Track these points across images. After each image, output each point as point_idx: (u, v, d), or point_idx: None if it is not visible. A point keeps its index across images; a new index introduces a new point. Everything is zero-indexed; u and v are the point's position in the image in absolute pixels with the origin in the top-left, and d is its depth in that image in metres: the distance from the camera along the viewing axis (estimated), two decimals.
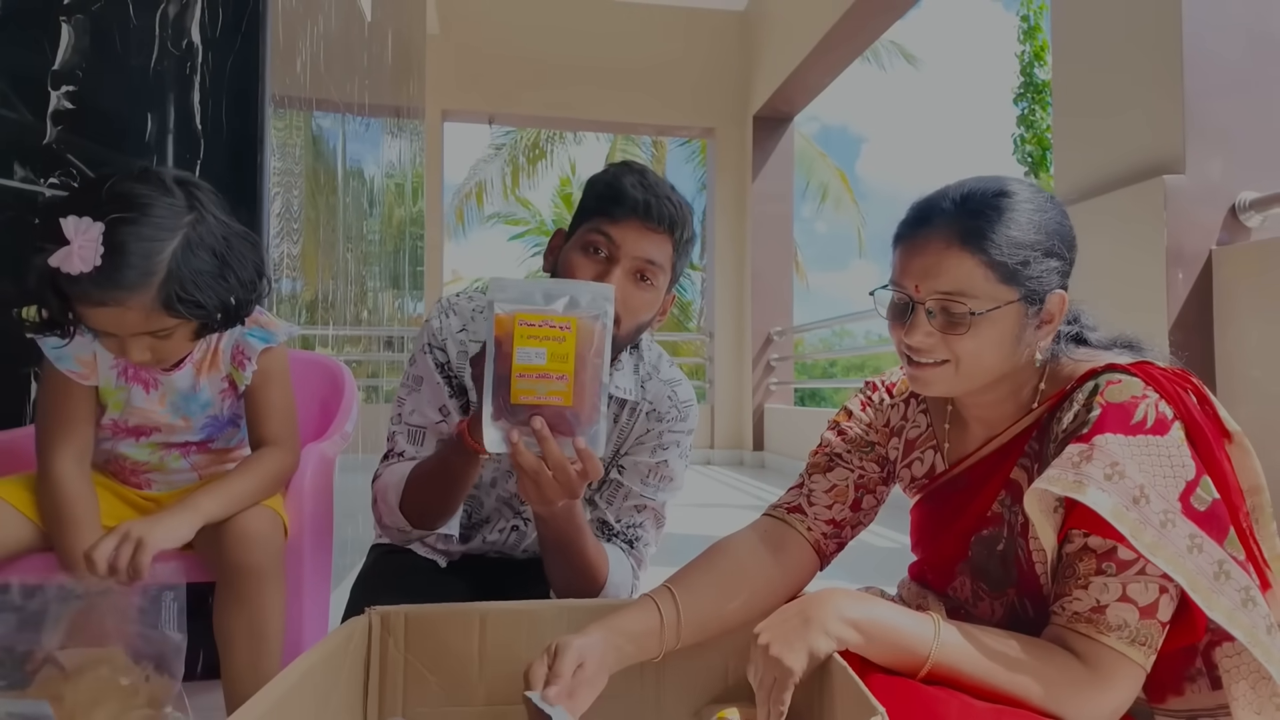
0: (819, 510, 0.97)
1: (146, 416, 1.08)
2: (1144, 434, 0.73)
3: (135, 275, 0.93)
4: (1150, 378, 0.76)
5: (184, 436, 1.12)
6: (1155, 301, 2.11)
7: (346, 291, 2.44)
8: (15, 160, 1.47)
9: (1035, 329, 0.81)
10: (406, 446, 1.15)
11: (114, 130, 1.51)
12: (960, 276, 0.78)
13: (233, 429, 1.17)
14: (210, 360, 1.11)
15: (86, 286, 0.91)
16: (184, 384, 1.09)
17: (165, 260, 0.94)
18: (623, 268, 1.03)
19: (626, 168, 1.08)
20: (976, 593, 0.90)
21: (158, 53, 1.53)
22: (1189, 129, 2.14)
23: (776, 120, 6.22)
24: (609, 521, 1.16)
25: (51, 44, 1.49)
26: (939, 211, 0.81)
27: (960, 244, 0.78)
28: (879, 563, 2.31)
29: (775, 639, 0.77)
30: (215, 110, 1.56)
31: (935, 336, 0.80)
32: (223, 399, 1.12)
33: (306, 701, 0.76)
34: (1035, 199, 0.81)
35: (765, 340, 6.21)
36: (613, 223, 1.03)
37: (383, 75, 3.01)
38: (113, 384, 1.07)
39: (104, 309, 0.94)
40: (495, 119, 6.75)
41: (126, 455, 1.12)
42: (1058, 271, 0.80)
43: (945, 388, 0.84)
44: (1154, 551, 0.69)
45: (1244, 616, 0.69)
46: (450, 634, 0.93)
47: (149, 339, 0.99)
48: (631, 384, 1.17)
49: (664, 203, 1.04)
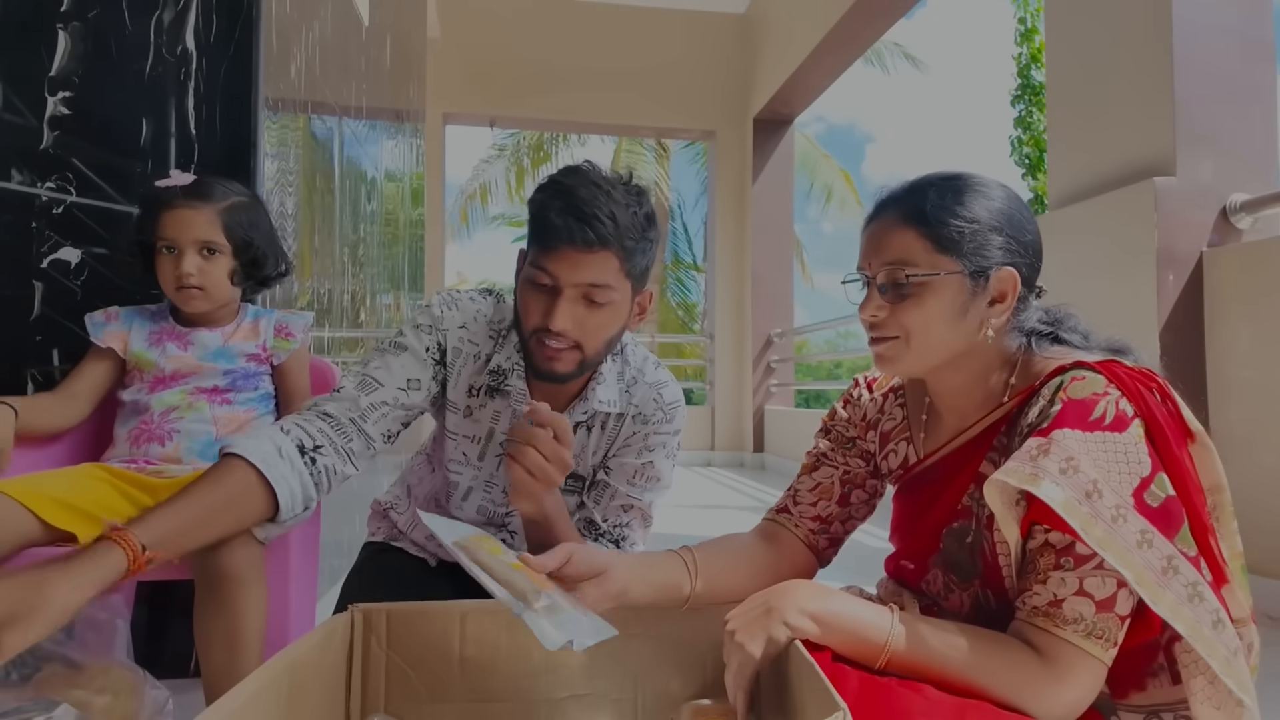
0: (804, 508, 1.03)
1: (181, 362, 1.30)
2: (1101, 430, 0.74)
3: (213, 192, 1.29)
4: (1114, 375, 0.78)
5: (211, 381, 1.30)
6: (1146, 303, 2.11)
7: (343, 293, 2.46)
8: (13, 164, 1.49)
9: (987, 306, 0.84)
10: (351, 390, 1.06)
11: (111, 134, 1.53)
12: (901, 248, 0.83)
13: (251, 390, 1.33)
14: (237, 330, 1.34)
15: (177, 194, 1.26)
16: (212, 343, 1.32)
17: (231, 199, 1.30)
18: (567, 297, 1.01)
19: (555, 189, 1.02)
20: (947, 584, 0.91)
21: (153, 58, 1.56)
22: (1180, 131, 2.14)
23: (777, 122, 6.24)
24: (596, 521, 1.17)
25: (49, 50, 1.51)
26: (890, 198, 0.87)
27: (902, 220, 0.84)
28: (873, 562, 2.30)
29: (740, 626, 0.80)
30: (210, 114, 1.58)
31: (885, 309, 0.85)
32: (248, 360, 1.33)
33: (283, 697, 0.78)
34: (987, 188, 0.85)
35: (766, 342, 6.22)
36: (546, 254, 1.00)
37: (381, 79, 3.03)
38: (146, 349, 1.30)
39: (184, 210, 1.25)
40: (496, 121, 6.78)
41: (160, 403, 1.27)
42: (1003, 249, 0.83)
43: (904, 364, 0.87)
44: (1103, 546, 0.70)
45: (1188, 611, 0.70)
46: (432, 631, 0.95)
47: (201, 256, 1.26)
48: (615, 394, 1.15)
49: (594, 224, 0.98)
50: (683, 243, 14.30)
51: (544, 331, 1.02)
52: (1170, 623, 0.70)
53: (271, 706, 0.74)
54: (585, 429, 1.16)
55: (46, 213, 1.51)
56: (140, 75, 1.55)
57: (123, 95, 1.54)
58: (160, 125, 1.56)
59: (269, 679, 0.74)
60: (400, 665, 0.95)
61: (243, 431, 1.29)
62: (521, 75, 6.13)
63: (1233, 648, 0.71)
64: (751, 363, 6.23)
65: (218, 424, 1.28)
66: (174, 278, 1.27)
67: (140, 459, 1.23)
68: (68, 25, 1.52)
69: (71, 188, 1.52)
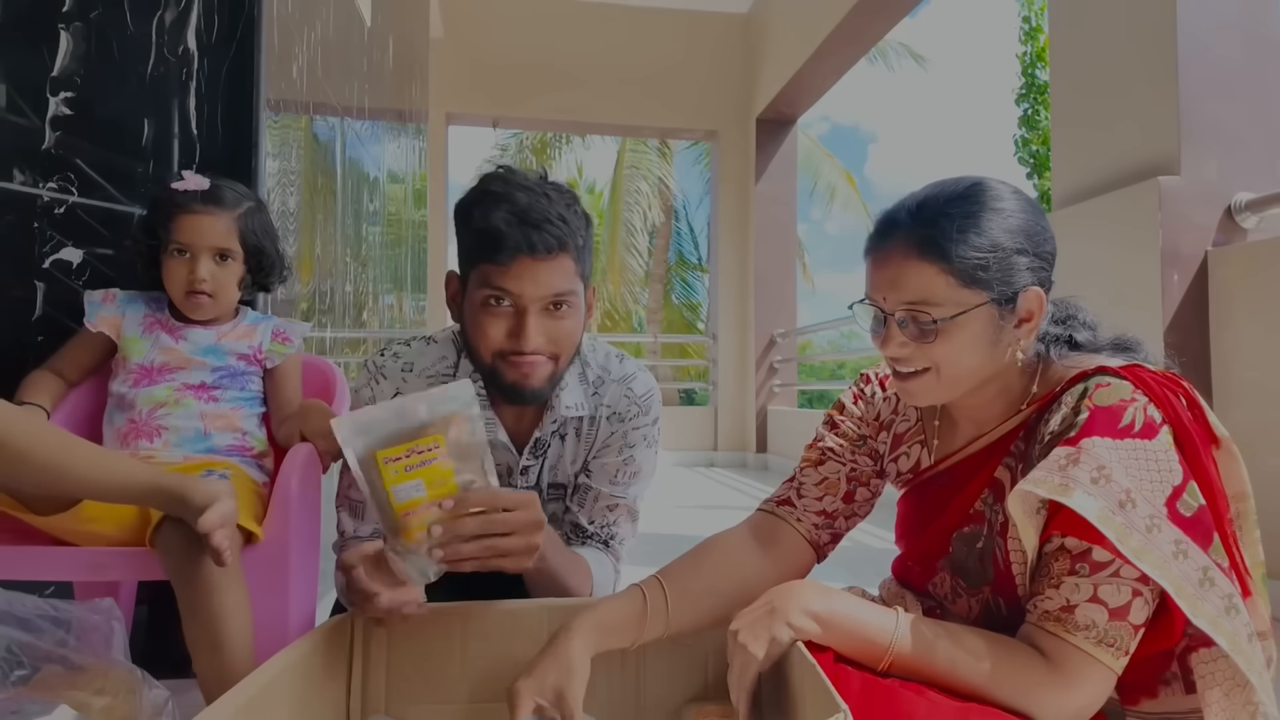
0: (809, 502, 0.99)
1: (170, 354, 1.29)
2: (1132, 438, 0.72)
3: (229, 198, 1.31)
4: (1140, 381, 0.76)
5: (199, 377, 1.29)
6: (1150, 303, 2.10)
7: (344, 293, 2.46)
8: (15, 165, 1.49)
9: (1014, 328, 0.81)
10: (348, 524, 1.11)
11: (112, 135, 1.53)
12: (921, 286, 0.78)
13: (238, 389, 1.32)
14: (233, 330, 1.34)
15: (194, 199, 1.27)
16: (205, 339, 1.32)
17: (245, 205, 1.32)
18: (533, 312, 0.96)
19: (492, 198, 0.96)
20: (955, 589, 0.90)
21: (154, 59, 1.56)
22: (1184, 130, 2.13)
23: (779, 123, 6.22)
24: (582, 524, 1.15)
25: (50, 51, 1.51)
26: (896, 223, 0.81)
27: (918, 254, 0.78)
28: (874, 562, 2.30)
29: (743, 626, 0.79)
30: (211, 114, 1.58)
31: (910, 346, 0.81)
32: (239, 360, 1.33)
33: (283, 697, 0.78)
34: (997, 200, 0.80)
35: (768, 342, 6.21)
36: (504, 271, 0.94)
37: (384, 79, 3.03)
38: (139, 335, 1.30)
39: (202, 215, 1.27)
40: (499, 122, 6.78)
41: (147, 399, 1.26)
42: (1028, 269, 0.80)
43: (932, 396, 0.84)
44: (1139, 556, 0.68)
45: (1227, 624, 0.69)
46: (433, 632, 0.95)
47: (215, 262, 1.28)
48: (581, 398, 1.11)
49: (546, 228, 0.93)
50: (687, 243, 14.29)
51: (512, 353, 0.98)
52: (1211, 635, 0.68)
53: (272, 706, 0.74)
54: (559, 438, 1.13)
55: (49, 213, 1.51)
56: (142, 75, 1.55)
57: (125, 95, 1.54)
58: (162, 125, 1.56)
59: (269, 679, 0.74)
60: (401, 666, 0.94)
61: (231, 429, 1.28)
62: (524, 75, 6.13)
63: (1263, 661, 0.71)
64: (755, 363, 6.22)
65: (205, 420, 1.27)
66: (186, 282, 1.27)
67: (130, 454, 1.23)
68: (69, 25, 1.52)
69: (74, 188, 1.52)
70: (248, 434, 1.31)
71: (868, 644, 0.76)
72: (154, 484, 0.98)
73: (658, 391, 1.18)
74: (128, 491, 0.98)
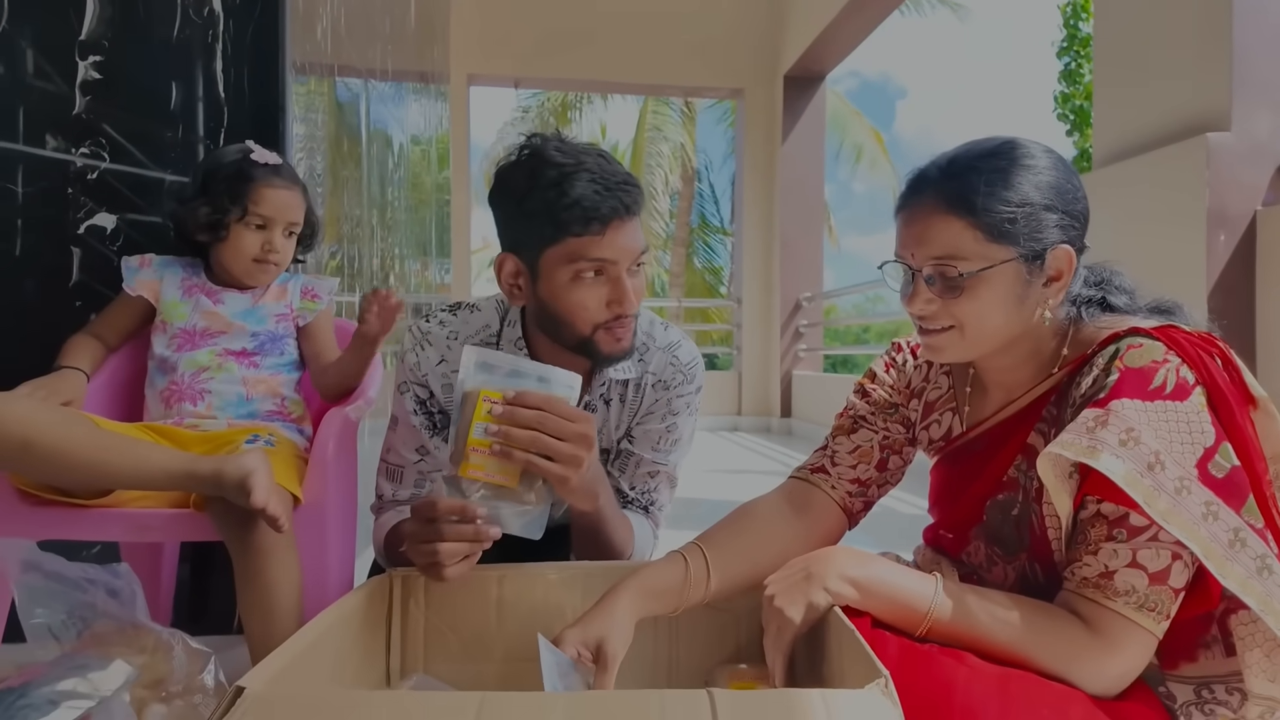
0: (843, 470, 0.99)
1: (211, 318, 1.32)
2: (1162, 399, 0.71)
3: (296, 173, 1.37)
4: (1173, 341, 0.74)
5: (240, 343, 1.32)
6: (1194, 264, 2.04)
7: (372, 257, 2.47)
8: (47, 130, 1.50)
9: (1042, 286, 0.80)
10: (385, 487, 1.13)
11: (141, 99, 1.53)
12: (948, 240, 0.78)
13: (277, 355, 1.35)
14: (267, 292, 1.36)
15: (274, 173, 1.32)
16: (242, 303, 1.35)
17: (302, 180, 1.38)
18: (629, 272, 0.97)
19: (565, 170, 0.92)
20: (990, 557, 0.90)
21: (180, 21, 1.54)
22: (1236, 84, 2.04)
23: (807, 80, 6.08)
24: (624, 490, 1.17)
25: (78, 14, 1.50)
26: (926, 180, 0.81)
27: (946, 208, 0.79)
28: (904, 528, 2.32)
29: (780, 591, 0.80)
30: (238, 78, 1.57)
31: (936, 302, 0.81)
32: (277, 321, 1.36)
33: (327, 656, 0.79)
34: (1029, 157, 0.79)
35: (794, 306, 6.15)
36: (598, 240, 0.93)
37: (406, 40, 2.99)
38: (179, 299, 1.33)
39: (283, 190, 1.32)
40: (521, 82, 6.70)
41: (189, 363, 1.28)
42: (1058, 226, 0.79)
43: (956, 353, 0.84)
44: (1167, 519, 0.68)
45: (1258, 584, 0.68)
46: (469, 594, 0.96)
47: (286, 234, 1.33)
48: (629, 361, 1.11)
49: (627, 187, 0.94)
50: (710, 205, 14.13)
51: (613, 320, 0.98)
52: (1240, 596, 0.68)
53: (315, 666, 0.76)
54: (604, 402, 1.14)
55: (81, 178, 1.51)
56: (167, 39, 1.54)
57: (151, 59, 1.53)
58: (189, 89, 1.55)
59: (312, 640, 0.76)
60: (439, 626, 0.96)
61: (272, 394, 1.31)
62: (545, 35, 6.03)
63: None
64: (780, 327, 6.17)
65: (247, 385, 1.29)
66: (259, 251, 1.31)
67: (174, 418, 1.26)
68: None
69: (105, 153, 1.52)
70: (286, 399, 1.33)
71: (906, 609, 0.76)
72: (188, 471, 1.02)
73: (701, 360, 1.18)
74: (164, 481, 1.02)
